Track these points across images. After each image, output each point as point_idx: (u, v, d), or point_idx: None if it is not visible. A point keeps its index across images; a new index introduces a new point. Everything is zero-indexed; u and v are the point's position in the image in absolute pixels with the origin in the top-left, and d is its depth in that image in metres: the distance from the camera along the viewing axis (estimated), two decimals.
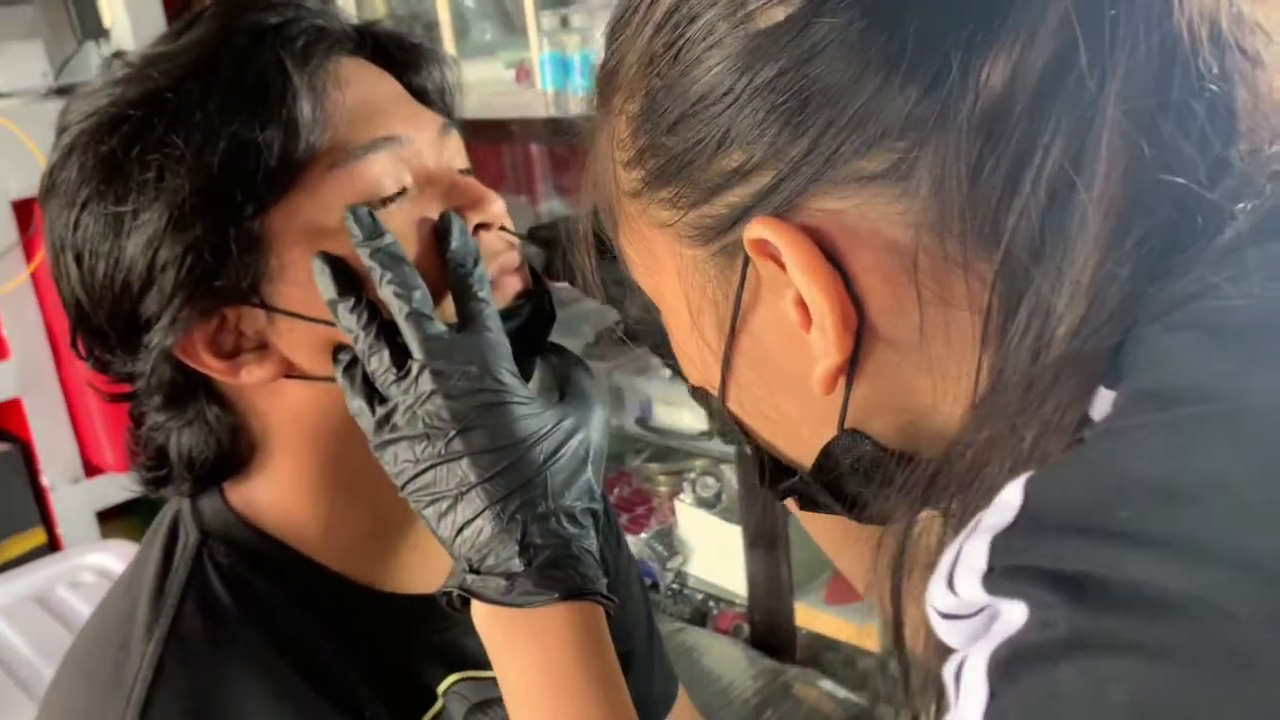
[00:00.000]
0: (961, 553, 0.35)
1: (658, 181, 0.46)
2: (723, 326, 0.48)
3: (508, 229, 0.69)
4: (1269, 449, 0.31)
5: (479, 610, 0.61)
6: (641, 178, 0.47)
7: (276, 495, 0.71)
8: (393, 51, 0.71)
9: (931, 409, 0.45)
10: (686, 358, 0.52)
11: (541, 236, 0.71)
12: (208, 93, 0.61)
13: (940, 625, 0.37)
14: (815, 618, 1.78)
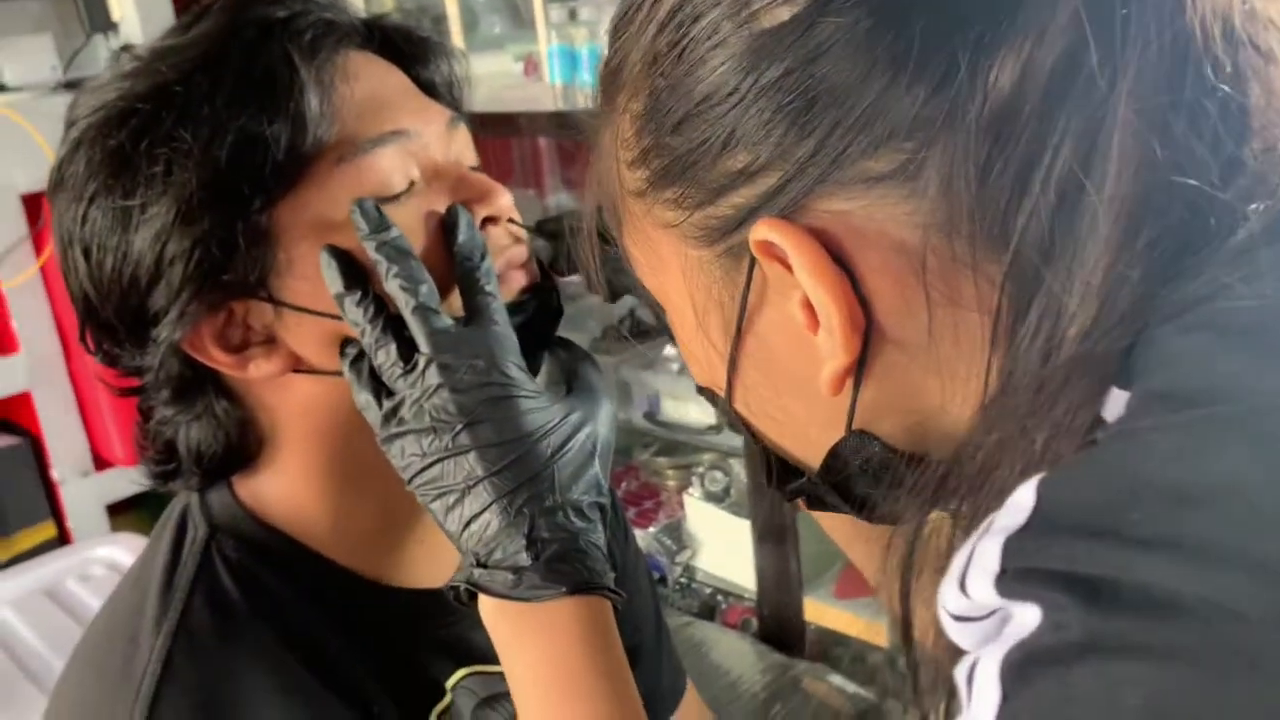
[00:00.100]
0: (974, 554, 0.35)
1: (662, 181, 0.46)
2: (728, 328, 0.47)
3: (516, 221, 0.69)
4: None
5: (486, 604, 0.61)
6: (646, 177, 0.47)
7: (285, 489, 0.71)
8: (401, 45, 0.70)
9: (940, 410, 0.44)
10: (692, 358, 0.51)
11: (549, 230, 0.70)
12: (215, 86, 0.61)
13: (952, 627, 0.37)
14: (824, 612, 1.77)
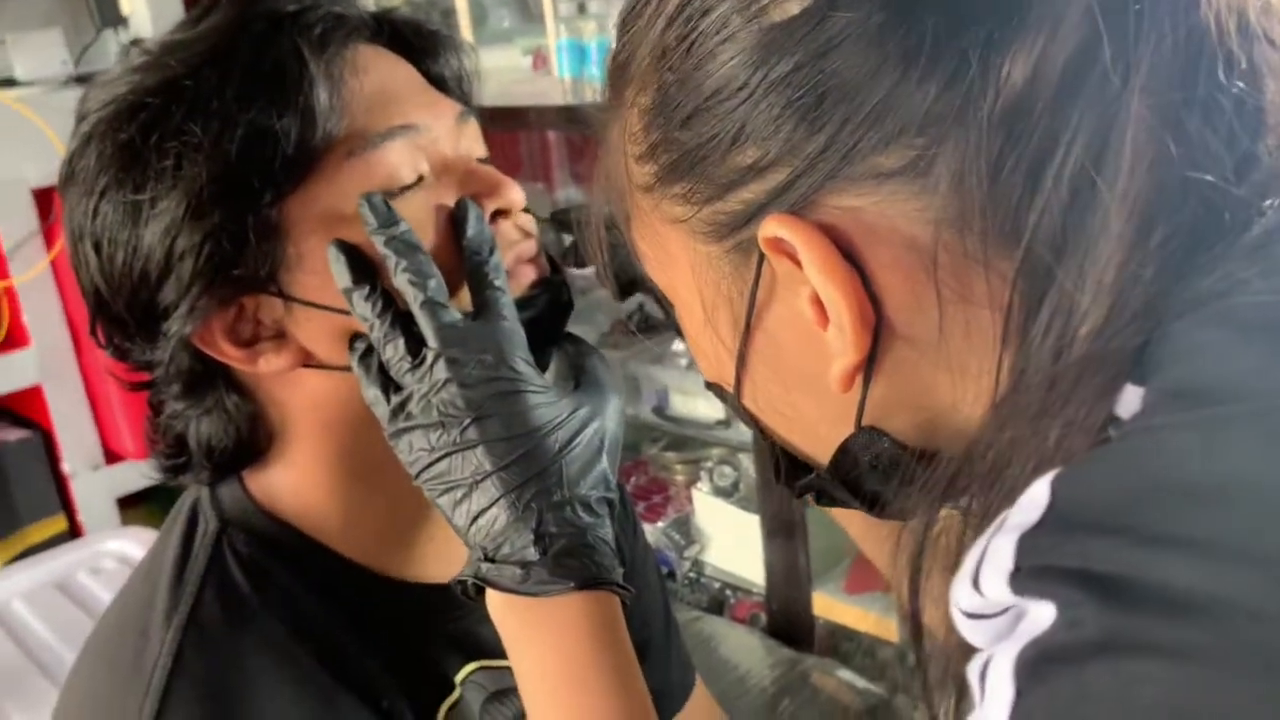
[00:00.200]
0: (987, 551, 0.35)
1: (671, 177, 0.46)
2: (737, 324, 0.47)
3: (529, 211, 0.69)
4: None
5: (494, 599, 0.61)
6: (654, 172, 0.46)
7: (295, 484, 0.71)
8: (410, 38, 0.70)
9: (951, 407, 0.44)
10: (701, 354, 0.51)
11: (561, 221, 0.70)
12: (225, 80, 0.61)
13: (964, 624, 0.36)
14: (833, 607, 1.77)
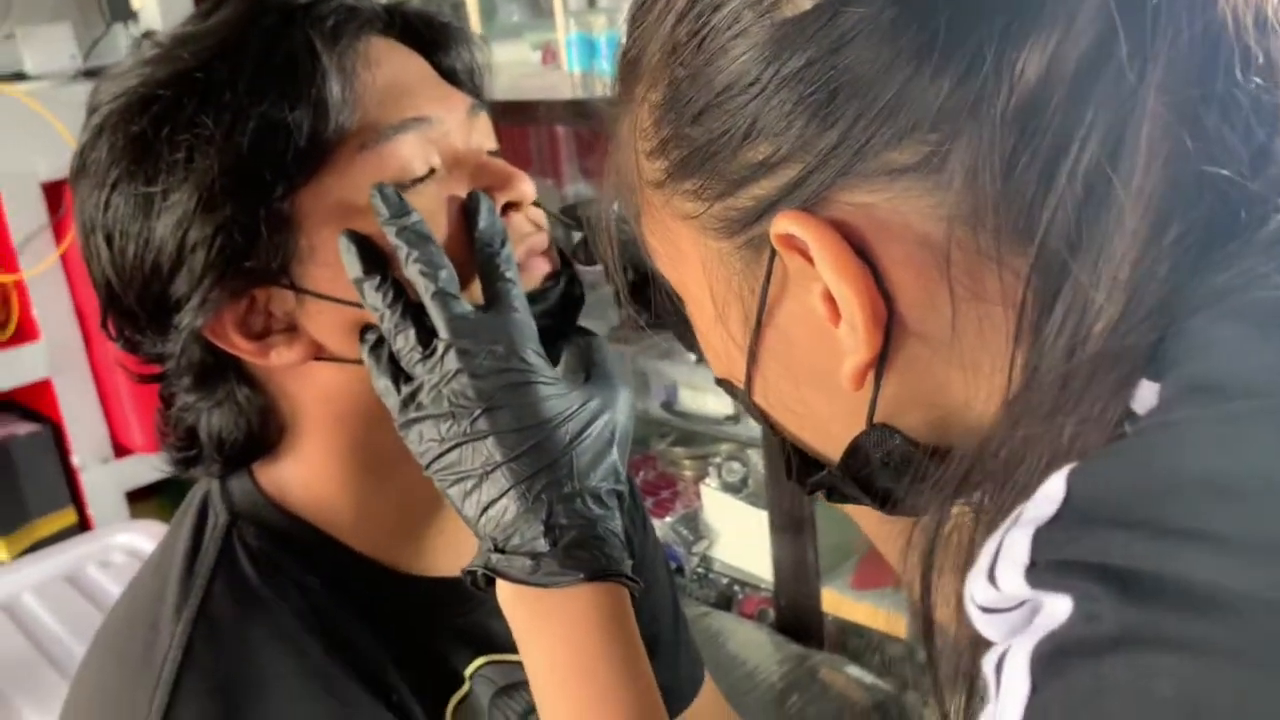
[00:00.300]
0: (1003, 545, 0.35)
1: (682, 172, 0.45)
2: (748, 320, 0.47)
3: (539, 205, 0.69)
4: None
5: (504, 590, 0.61)
6: (665, 168, 0.46)
7: (305, 477, 0.71)
8: (422, 31, 0.70)
9: (964, 405, 0.44)
10: (711, 350, 0.51)
11: (573, 216, 0.70)
12: (237, 73, 0.61)
13: (979, 619, 0.36)
14: (842, 603, 1.77)
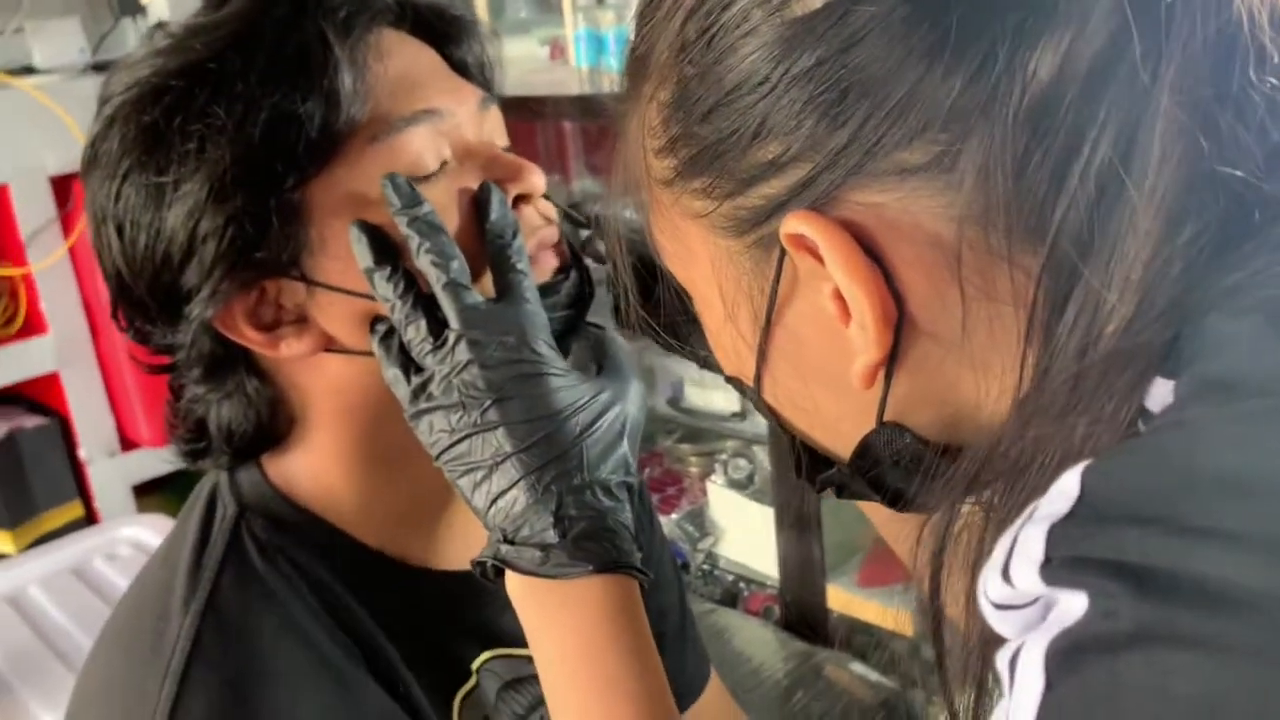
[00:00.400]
0: (1017, 542, 0.35)
1: (691, 171, 0.45)
2: (758, 319, 0.47)
3: (549, 198, 0.69)
4: None
5: (513, 581, 0.61)
6: (674, 167, 0.46)
7: (314, 469, 0.71)
8: (433, 24, 0.70)
9: (974, 404, 0.44)
10: (721, 349, 0.51)
11: (578, 215, 0.70)
12: (249, 64, 0.61)
13: (993, 615, 0.36)
14: (847, 600, 1.77)
